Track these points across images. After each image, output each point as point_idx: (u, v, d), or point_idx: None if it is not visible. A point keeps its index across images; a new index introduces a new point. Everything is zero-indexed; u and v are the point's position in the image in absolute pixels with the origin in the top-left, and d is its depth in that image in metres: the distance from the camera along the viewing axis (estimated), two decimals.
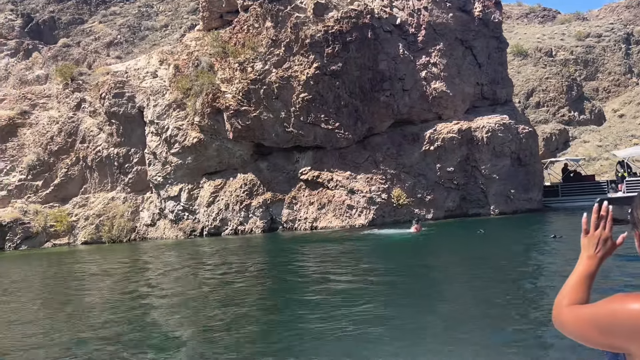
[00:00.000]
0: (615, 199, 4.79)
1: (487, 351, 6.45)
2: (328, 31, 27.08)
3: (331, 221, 27.07)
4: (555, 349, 6.28)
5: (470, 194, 28.73)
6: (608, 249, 1.80)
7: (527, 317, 8.00)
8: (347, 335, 7.47)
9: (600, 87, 57.31)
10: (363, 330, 7.61)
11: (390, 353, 6.44)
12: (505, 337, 6.99)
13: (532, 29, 65.73)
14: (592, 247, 1.81)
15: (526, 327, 7.42)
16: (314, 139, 27.69)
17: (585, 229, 1.84)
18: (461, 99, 29.06)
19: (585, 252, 1.82)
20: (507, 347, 6.57)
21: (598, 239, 1.81)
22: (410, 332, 7.41)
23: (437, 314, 8.56)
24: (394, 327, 7.66)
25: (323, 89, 27.15)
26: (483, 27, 29.47)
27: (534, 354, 6.34)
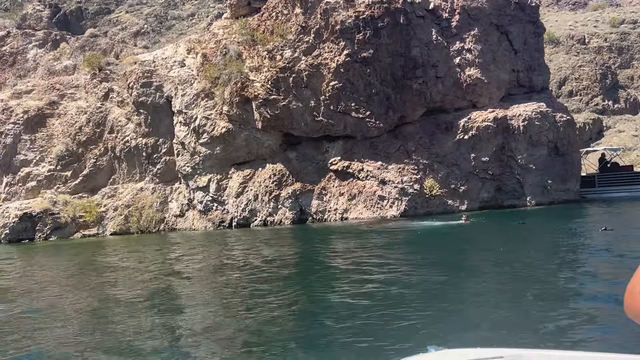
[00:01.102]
0: None
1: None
2: (359, 17, 26.36)
3: (362, 212, 26.48)
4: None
5: (506, 185, 27.83)
6: None
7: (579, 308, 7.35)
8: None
9: (636, 75, 55.39)
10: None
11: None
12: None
13: (564, 16, 63.86)
14: None
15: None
16: (344, 128, 27.08)
17: None
18: (496, 86, 28.10)
19: None
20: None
21: None
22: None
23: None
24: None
25: (353, 76, 26.49)
26: (519, 11, 28.41)
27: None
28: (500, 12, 28.20)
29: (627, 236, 14.73)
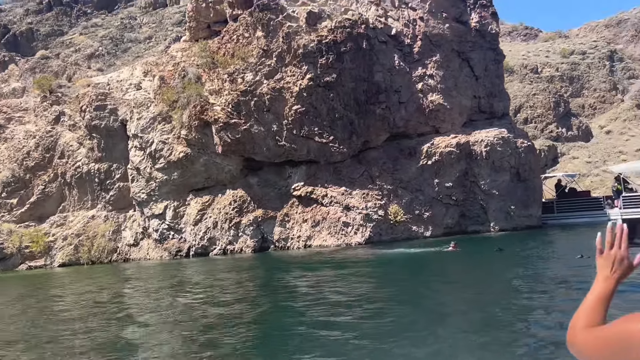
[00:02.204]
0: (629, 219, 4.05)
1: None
2: (321, 41, 26.05)
3: (326, 239, 25.72)
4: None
5: (470, 210, 27.69)
6: (625, 270, 1.72)
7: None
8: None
9: (587, 103, 57.42)
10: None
11: None
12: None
13: (517, 47, 65.97)
14: (607, 267, 1.72)
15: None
16: (307, 153, 26.45)
17: (600, 249, 1.75)
18: (458, 112, 28.17)
19: (601, 273, 1.73)
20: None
21: (613, 259, 1.73)
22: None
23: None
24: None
25: (316, 100, 26.02)
26: (480, 38, 28.76)
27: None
28: (461, 39, 28.46)
29: None
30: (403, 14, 28.11)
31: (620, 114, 56.08)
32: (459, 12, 28.61)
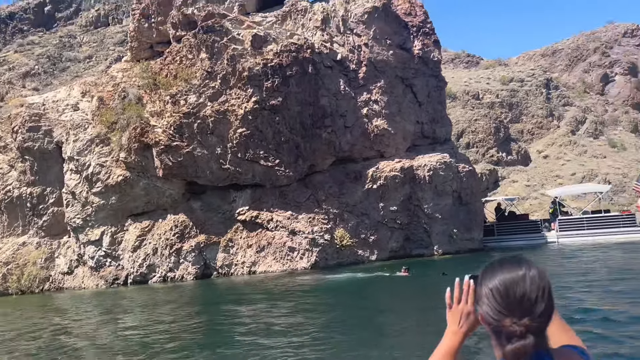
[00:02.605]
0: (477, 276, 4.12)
1: None
2: (267, 64, 25.87)
3: (271, 265, 25.21)
4: None
5: (414, 234, 27.90)
6: (471, 324, 1.77)
7: None
8: None
9: (525, 129, 59.73)
10: None
11: None
12: None
13: (459, 73, 68.16)
14: (455, 322, 1.77)
15: None
16: (252, 176, 26.01)
17: (449, 304, 1.80)
18: (402, 136, 28.52)
19: (450, 327, 1.78)
20: None
21: (460, 313, 1.78)
22: None
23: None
24: None
25: (262, 124, 25.72)
26: (422, 65, 29.37)
27: None
28: (405, 66, 28.98)
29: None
30: (348, 40, 28.40)
31: (556, 139, 58.63)
32: (402, 40, 29.17)
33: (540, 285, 1.65)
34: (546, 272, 1.69)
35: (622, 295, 12.34)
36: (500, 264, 1.72)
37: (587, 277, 15.83)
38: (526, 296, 1.63)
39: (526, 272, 1.66)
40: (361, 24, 28.45)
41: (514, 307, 1.63)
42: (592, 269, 17.91)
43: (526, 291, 1.63)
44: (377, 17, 28.52)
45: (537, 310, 1.62)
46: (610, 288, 13.54)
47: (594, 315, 10.17)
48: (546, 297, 1.65)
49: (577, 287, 14.12)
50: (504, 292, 1.64)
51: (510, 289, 1.64)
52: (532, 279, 1.65)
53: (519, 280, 1.65)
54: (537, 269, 1.69)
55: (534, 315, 1.62)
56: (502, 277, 1.67)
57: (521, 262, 1.71)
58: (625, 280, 14.70)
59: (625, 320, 9.56)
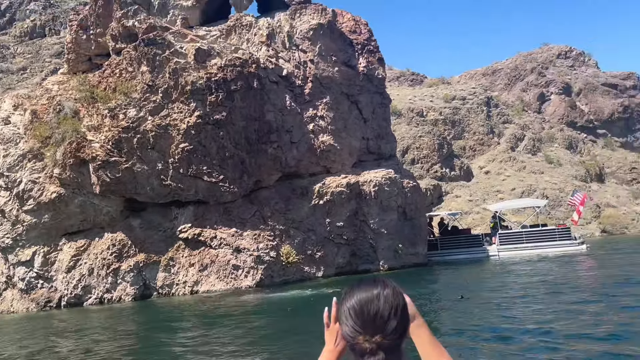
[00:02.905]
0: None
1: None
2: (211, 78, 25.39)
3: (214, 284, 24.48)
4: None
5: (360, 250, 27.86)
6: (347, 344, 1.79)
7: None
8: None
9: (467, 145, 61.46)
10: None
11: None
12: None
13: (404, 91, 69.62)
14: (332, 340, 1.79)
15: None
16: (195, 193, 25.31)
17: (327, 323, 1.82)
18: (348, 152, 28.58)
19: (327, 345, 1.80)
20: None
21: (337, 332, 1.81)
22: None
23: None
24: None
25: (205, 139, 25.13)
26: (367, 82, 29.65)
27: None
28: (350, 82, 29.16)
29: (482, 303, 14.83)
30: (294, 56, 28.33)
31: (496, 155, 60.60)
32: (347, 57, 29.38)
33: (393, 303, 1.72)
34: (401, 290, 1.76)
35: (557, 311, 12.56)
36: (359, 284, 1.80)
37: (526, 292, 16.13)
38: (379, 314, 1.69)
39: (381, 291, 1.73)
40: (307, 41, 28.48)
41: (367, 325, 1.69)
42: (530, 284, 18.30)
43: (379, 309, 1.70)
44: (322, 34, 28.63)
45: (389, 327, 1.69)
46: (547, 303, 13.80)
47: (534, 332, 10.25)
48: (399, 314, 1.72)
49: (518, 302, 14.33)
50: (359, 311, 1.71)
51: (364, 307, 1.71)
52: (386, 298, 1.72)
53: (373, 298, 1.72)
54: (392, 288, 1.76)
55: (386, 333, 1.69)
56: (359, 296, 1.74)
57: (377, 282, 1.78)
58: (562, 294, 15.04)
59: (559, 338, 9.66)
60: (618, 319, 10.73)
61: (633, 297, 13.28)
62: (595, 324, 10.48)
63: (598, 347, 8.68)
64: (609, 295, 13.74)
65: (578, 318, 11.19)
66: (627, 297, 13.29)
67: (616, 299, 13.27)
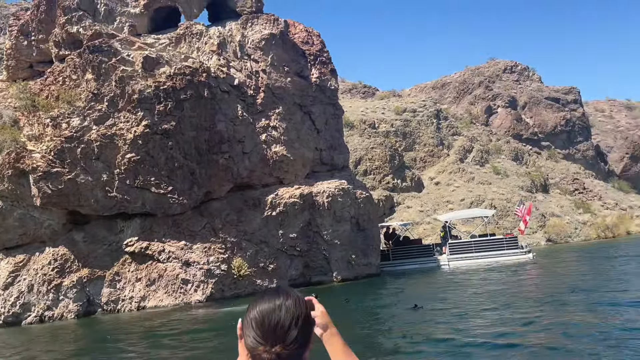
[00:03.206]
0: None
1: None
2: (159, 87, 24.73)
3: (162, 299, 23.66)
4: None
5: (313, 261, 27.62)
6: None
7: None
8: None
9: (418, 157, 62.42)
10: None
11: None
12: None
13: (356, 103, 70.22)
14: (244, 352, 1.78)
15: None
16: (142, 204, 24.47)
17: (240, 334, 1.81)
18: (301, 163, 28.39)
19: (239, 357, 1.80)
20: None
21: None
22: None
23: None
24: None
25: (153, 149, 24.40)
26: (320, 93, 29.63)
27: None
28: (303, 93, 29.06)
29: (435, 312, 14.84)
30: (245, 65, 28.01)
31: (446, 167, 61.79)
32: (300, 68, 29.29)
33: (295, 313, 1.73)
34: (304, 300, 1.77)
35: (510, 320, 12.68)
36: (262, 295, 1.81)
37: (480, 301, 16.28)
38: (279, 324, 1.71)
39: (283, 301, 1.74)
40: (259, 50, 28.23)
41: (268, 335, 1.70)
42: (482, 294, 18.51)
43: (280, 319, 1.71)
44: (274, 44, 28.46)
45: (289, 337, 1.70)
46: (500, 312, 13.93)
47: (490, 342, 10.26)
48: (300, 324, 1.73)
49: (471, 312, 14.41)
50: (260, 321, 1.72)
51: (265, 318, 1.72)
52: (288, 308, 1.73)
53: (275, 309, 1.73)
54: (294, 299, 1.76)
55: (286, 343, 1.70)
56: (261, 307, 1.75)
57: (280, 292, 1.79)
58: (513, 303, 15.24)
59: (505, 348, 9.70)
60: (565, 328, 10.90)
61: (581, 304, 13.59)
62: (548, 332, 10.60)
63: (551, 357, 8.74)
64: (559, 304, 14.01)
65: (530, 327, 11.31)
66: (576, 305, 13.58)
67: (565, 307, 13.54)
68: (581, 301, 13.91)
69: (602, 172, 75.59)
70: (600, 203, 63.18)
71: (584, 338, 9.60)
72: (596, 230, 52.86)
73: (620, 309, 12.54)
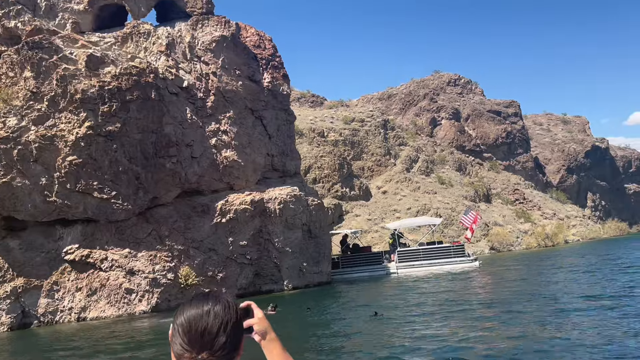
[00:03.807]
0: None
1: None
2: (104, 87, 23.60)
3: (104, 310, 22.41)
4: None
5: (264, 269, 27.01)
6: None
7: None
8: None
9: (366, 166, 62.91)
10: None
11: None
12: None
13: (305, 112, 70.13)
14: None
15: None
16: (83, 210, 23.17)
17: (170, 341, 1.77)
18: (252, 169, 27.80)
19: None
20: None
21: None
22: None
23: None
24: None
25: (97, 152, 23.20)
26: (272, 98, 29.20)
27: None
28: (255, 97, 28.54)
29: (396, 319, 14.65)
30: (195, 67, 27.23)
31: (393, 176, 62.55)
32: (251, 71, 28.78)
33: (224, 319, 1.69)
34: (234, 305, 1.72)
35: (463, 326, 12.64)
36: (191, 300, 1.75)
37: (434, 308, 16.23)
38: (207, 330, 1.66)
39: (211, 307, 1.69)
40: (209, 52, 27.53)
41: (194, 342, 1.65)
42: (435, 301, 18.53)
43: (207, 325, 1.66)
44: (225, 47, 27.84)
45: (217, 344, 1.65)
46: (455, 319, 13.90)
47: (449, 348, 10.11)
48: (229, 330, 1.68)
49: (430, 318, 14.30)
50: (187, 328, 1.67)
51: (192, 324, 1.67)
52: (216, 314, 1.68)
53: (203, 315, 1.68)
54: (223, 304, 1.71)
55: (214, 349, 1.65)
56: (188, 313, 1.70)
57: (209, 298, 1.74)
58: (466, 310, 15.27)
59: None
60: (520, 330, 10.91)
61: (533, 309, 13.74)
62: (502, 336, 10.57)
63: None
64: (511, 310, 14.12)
65: (477, 328, 11.26)
66: (529, 310, 13.72)
67: (516, 312, 13.64)
68: (536, 309, 14.09)
69: (541, 183, 78.73)
70: (539, 213, 65.66)
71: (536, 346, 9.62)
72: (536, 239, 54.79)
73: (568, 315, 12.76)
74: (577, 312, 12.77)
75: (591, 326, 10.89)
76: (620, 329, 10.39)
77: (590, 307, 13.42)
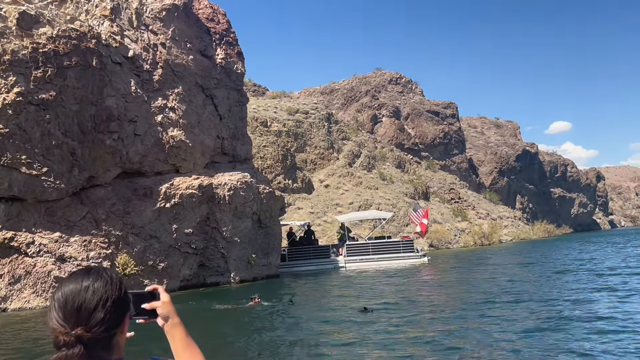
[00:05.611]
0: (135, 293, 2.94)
1: None
2: (37, 50, 20.80)
3: (29, 300, 19.74)
4: None
5: (210, 260, 25.06)
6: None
7: None
8: None
9: (309, 159, 61.64)
10: None
11: None
12: None
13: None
14: None
15: None
16: (8, 187, 20.30)
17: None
18: (201, 151, 25.74)
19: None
20: None
21: None
22: None
23: None
24: None
25: (26, 121, 20.39)
26: (225, 76, 27.21)
27: None
28: (206, 74, 26.46)
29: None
30: (142, 37, 24.79)
31: (336, 170, 61.71)
32: (203, 45, 26.66)
33: (104, 296, 1.62)
34: (119, 282, 1.65)
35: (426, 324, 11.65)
36: (70, 276, 1.68)
37: (396, 304, 15.22)
38: (84, 306, 1.59)
39: (91, 283, 1.63)
40: (158, 21, 25.18)
41: (69, 317, 1.58)
42: (394, 299, 17.57)
43: (84, 301, 1.60)
44: (176, 17, 25.59)
45: (94, 320, 1.59)
46: (414, 315, 12.92)
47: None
48: (108, 306, 1.61)
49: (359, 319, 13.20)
50: (62, 303, 1.60)
51: (69, 298, 1.60)
52: (95, 290, 1.62)
53: (80, 290, 1.62)
54: (105, 280, 1.64)
55: (89, 326, 1.58)
56: (66, 288, 1.63)
57: (90, 273, 1.67)
58: (417, 307, 14.37)
59: None
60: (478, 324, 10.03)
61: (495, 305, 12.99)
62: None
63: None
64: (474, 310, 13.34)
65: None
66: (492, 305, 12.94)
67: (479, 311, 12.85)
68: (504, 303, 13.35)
69: (474, 183, 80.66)
70: (474, 212, 67.02)
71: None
72: (473, 237, 55.68)
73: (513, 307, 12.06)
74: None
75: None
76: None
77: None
